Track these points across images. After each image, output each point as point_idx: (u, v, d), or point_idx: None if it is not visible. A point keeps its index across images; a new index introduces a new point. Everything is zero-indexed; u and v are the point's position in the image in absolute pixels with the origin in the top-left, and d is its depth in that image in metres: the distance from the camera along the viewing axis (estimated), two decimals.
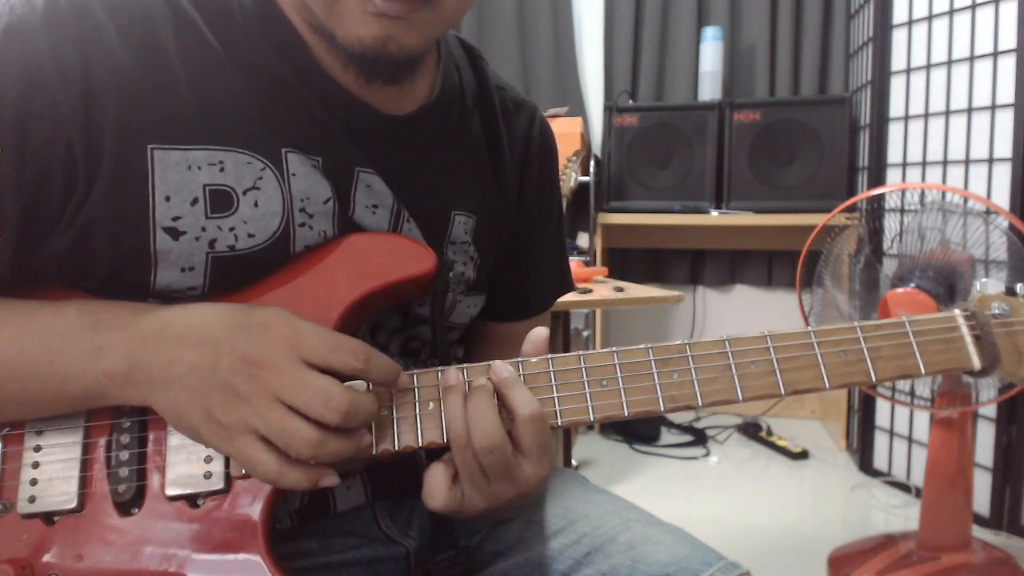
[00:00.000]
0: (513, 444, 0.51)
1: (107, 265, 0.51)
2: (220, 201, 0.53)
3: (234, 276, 0.54)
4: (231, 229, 0.53)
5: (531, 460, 0.51)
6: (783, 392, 0.53)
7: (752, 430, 2.55)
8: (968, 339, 0.58)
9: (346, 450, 0.48)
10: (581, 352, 0.54)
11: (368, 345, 0.49)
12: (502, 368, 0.53)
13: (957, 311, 0.59)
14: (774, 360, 0.54)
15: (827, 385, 0.54)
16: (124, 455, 0.51)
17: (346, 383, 0.48)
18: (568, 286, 0.81)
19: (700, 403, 0.53)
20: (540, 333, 0.56)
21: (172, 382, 0.48)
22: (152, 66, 0.51)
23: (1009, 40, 1.76)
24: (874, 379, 0.55)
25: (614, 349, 0.54)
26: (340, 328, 0.53)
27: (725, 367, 0.54)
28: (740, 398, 0.53)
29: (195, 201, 0.52)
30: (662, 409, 0.53)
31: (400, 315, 0.64)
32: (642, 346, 0.54)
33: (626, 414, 0.53)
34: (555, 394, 0.53)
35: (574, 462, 2.22)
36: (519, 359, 0.54)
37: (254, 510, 0.51)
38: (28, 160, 0.49)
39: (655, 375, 0.53)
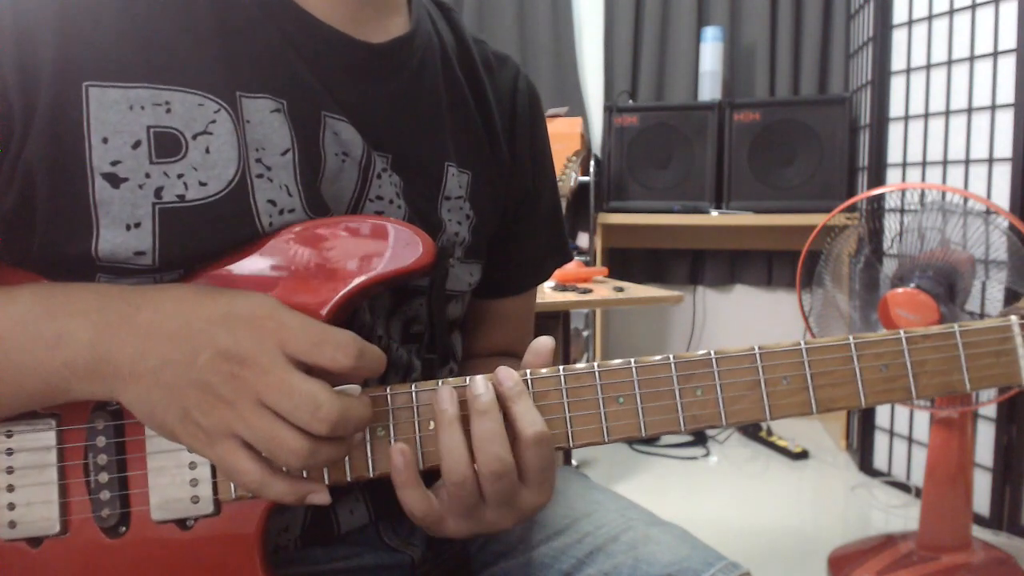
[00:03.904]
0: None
1: (46, 227, 0.46)
2: (166, 145, 0.46)
3: (188, 236, 0.47)
4: (180, 176, 0.47)
5: (532, 487, 0.47)
6: (815, 411, 0.49)
7: (752, 430, 2.55)
8: (1021, 351, 0.52)
9: (338, 456, 0.44)
10: (596, 365, 0.48)
11: (359, 338, 0.44)
12: (507, 377, 0.47)
13: (1014, 318, 0.53)
14: (808, 375, 0.49)
15: (863, 403, 0.49)
16: (103, 477, 0.47)
17: (338, 387, 0.43)
18: (566, 255, 0.76)
19: (724, 423, 0.48)
20: (544, 343, 0.50)
21: (142, 376, 0.43)
22: None
23: (1009, 40, 1.76)
24: (915, 396, 0.50)
25: (632, 361, 0.49)
26: (332, 320, 0.48)
27: (754, 383, 0.48)
28: (768, 417, 0.48)
29: (137, 144, 0.46)
30: (683, 429, 0.48)
31: (392, 294, 0.59)
32: (660, 357, 0.49)
33: (644, 435, 0.48)
34: (567, 413, 0.48)
35: (574, 462, 2.22)
36: (526, 371, 0.49)
37: (248, 529, 0.48)
38: None
39: (676, 392, 0.48)
